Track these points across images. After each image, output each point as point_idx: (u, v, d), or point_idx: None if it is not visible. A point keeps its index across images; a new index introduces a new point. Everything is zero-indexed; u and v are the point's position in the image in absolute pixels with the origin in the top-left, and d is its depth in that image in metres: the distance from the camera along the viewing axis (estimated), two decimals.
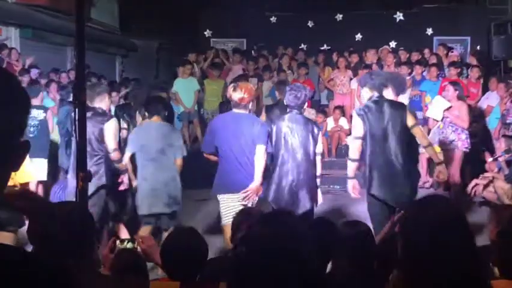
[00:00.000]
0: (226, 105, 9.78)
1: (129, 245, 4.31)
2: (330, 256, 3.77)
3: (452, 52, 14.72)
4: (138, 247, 4.02)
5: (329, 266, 3.94)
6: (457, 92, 9.62)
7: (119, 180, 7.16)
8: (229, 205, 6.31)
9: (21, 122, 1.42)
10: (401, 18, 17.68)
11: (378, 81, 6.83)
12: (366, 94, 6.85)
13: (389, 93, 6.97)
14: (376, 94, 6.75)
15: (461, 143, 9.61)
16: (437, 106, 9.67)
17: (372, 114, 6.60)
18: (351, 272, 3.56)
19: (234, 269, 1.99)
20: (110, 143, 6.87)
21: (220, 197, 6.42)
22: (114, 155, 6.92)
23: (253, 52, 16.86)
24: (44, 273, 1.32)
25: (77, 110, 3.84)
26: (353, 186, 6.77)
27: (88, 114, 6.73)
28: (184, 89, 13.23)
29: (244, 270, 1.93)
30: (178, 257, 3.64)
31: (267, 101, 13.70)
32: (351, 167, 6.78)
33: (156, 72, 20.08)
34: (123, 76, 18.11)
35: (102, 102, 7.04)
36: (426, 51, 14.94)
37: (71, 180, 6.47)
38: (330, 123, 13.23)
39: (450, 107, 9.49)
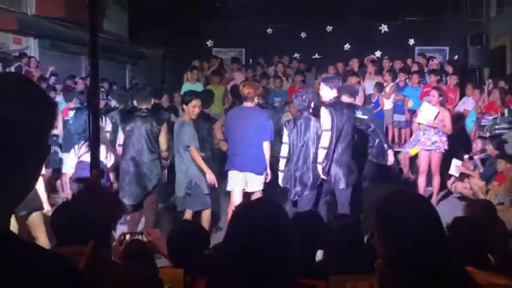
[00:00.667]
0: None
1: (139, 238, 4.37)
2: (317, 246, 3.79)
3: (433, 61, 14.74)
4: (145, 238, 4.01)
5: (320, 255, 3.96)
6: (441, 98, 9.63)
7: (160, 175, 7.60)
8: (233, 176, 7.48)
9: (50, 125, 1.43)
10: (386, 29, 17.75)
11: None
12: (329, 94, 7.38)
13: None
14: (335, 95, 7.37)
15: (442, 144, 9.62)
16: (426, 112, 9.63)
17: (336, 111, 7.24)
18: (341, 260, 3.58)
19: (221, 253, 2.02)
20: (163, 142, 7.38)
21: (229, 171, 7.55)
22: (164, 154, 7.48)
23: (251, 60, 16.89)
24: (56, 270, 1.30)
25: (91, 114, 3.84)
26: (322, 169, 7.21)
27: (140, 113, 7.31)
28: None
29: (226, 254, 1.96)
30: (183, 246, 3.65)
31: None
32: (323, 154, 7.22)
33: (162, 78, 20.07)
34: (133, 82, 18.09)
35: (149, 105, 7.48)
36: (409, 60, 14.97)
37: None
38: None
39: (438, 113, 9.48)
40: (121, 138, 7.56)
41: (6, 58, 12.64)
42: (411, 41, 17.51)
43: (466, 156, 10.03)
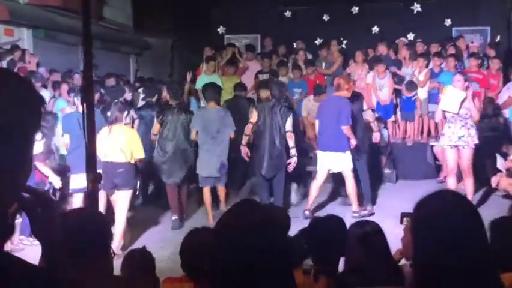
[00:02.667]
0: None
1: None
2: (340, 253, 3.79)
3: (472, 43, 14.60)
4: None
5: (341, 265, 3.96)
6: (467, 82, 9.55)
7: None
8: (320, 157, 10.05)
9: (34, 122, 1.45)
10: (419, 9, 17.49)
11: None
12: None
13: None
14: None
15: (471, 139, 9.42)
16: (452, 98, 9.44)
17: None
18: (367, 270, 3.58)
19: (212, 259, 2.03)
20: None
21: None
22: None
23: (266, 45, 16.79)
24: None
25: (85, 111, 3.85)
26: None
27: (175, 109, 9.74)
28: None
29: (220, 260, 1.96)
30: (195, 255, 3.67)
31: None
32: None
33: (170, 70, 20.13)
34: (137, 75, 18.18)
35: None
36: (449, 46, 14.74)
37: None
38: None
39: (465, 98, 9.34)
40: (156, 128, 9.76)
41: None
42: (448, 22, 17.26)
43: None
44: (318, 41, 16.95)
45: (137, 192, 10.57)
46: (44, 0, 14.71)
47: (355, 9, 17.71)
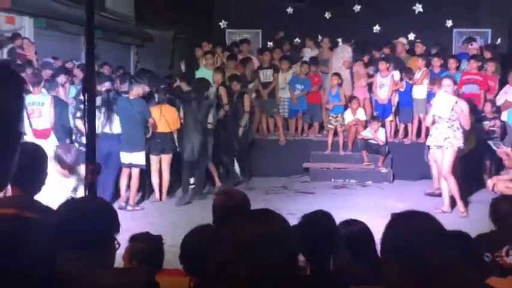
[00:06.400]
0: None
1: None
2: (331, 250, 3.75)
3: (472, 45, 14.54)
4: None
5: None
6: (456, 86, 9.62)
7: None
8: None
9: (16, 109, 1.41)
10: (420, 10, 17.49)
11: None
12: None
13: None
14: None
15: (457, 141, 9.55)
16: (442, 102, 9.56)
17: None
18: (356, 270, 3.57)
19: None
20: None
21: None
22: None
23: (268, 43, 16.70)
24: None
25: (86, 101, 3.80)
26: None
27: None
28: None
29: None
30: (196, 252, 3.65)
31: (283, 93, 13.63)
32: None
33: (171, 62, 20.09)
34: (138, 67, 18.12)
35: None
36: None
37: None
38: (348, 116, 13.10)
39: (456, 102, 9.45)
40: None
41: None
42: (449, 23, 17.25)
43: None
44: (319, 39, 16.90)
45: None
46: None
47: (357, 8, 17.68)
